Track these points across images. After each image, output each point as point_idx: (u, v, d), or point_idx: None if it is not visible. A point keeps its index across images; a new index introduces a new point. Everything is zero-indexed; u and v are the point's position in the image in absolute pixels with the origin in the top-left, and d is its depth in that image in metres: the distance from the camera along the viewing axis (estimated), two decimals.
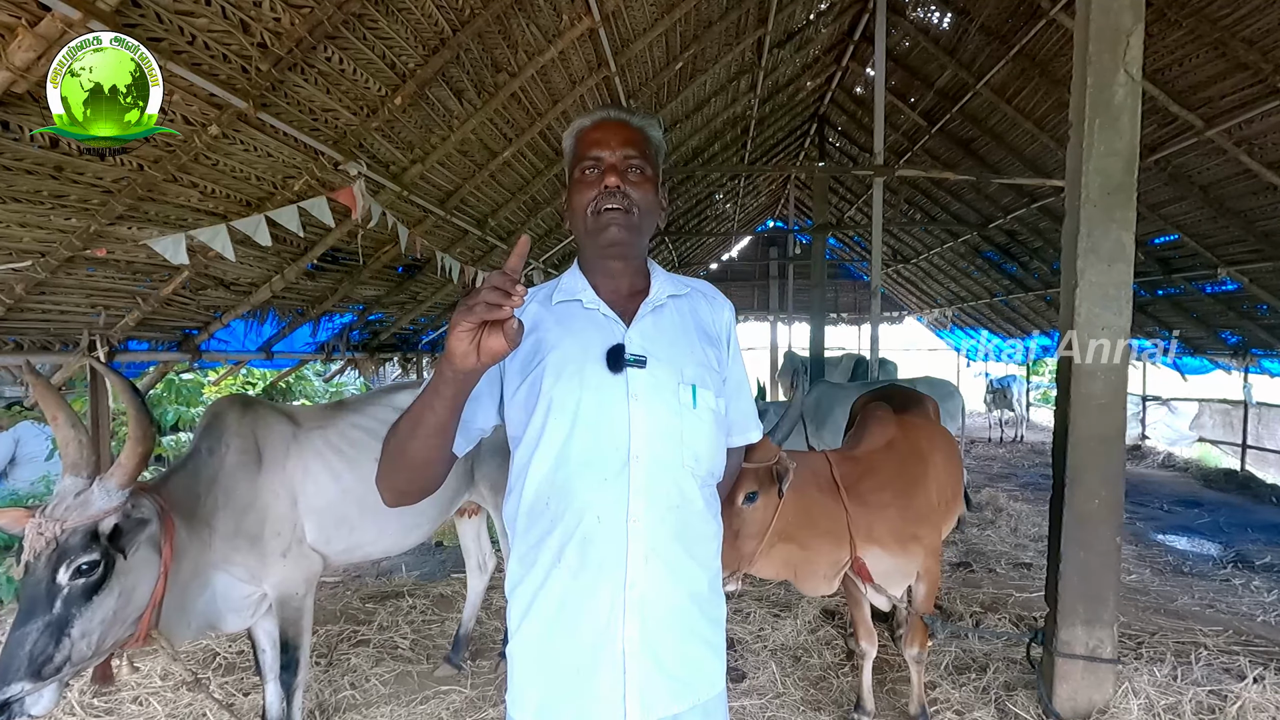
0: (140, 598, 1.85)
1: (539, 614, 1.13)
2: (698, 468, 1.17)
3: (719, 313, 1.31)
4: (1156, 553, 5.49)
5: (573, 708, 1.11)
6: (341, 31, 2.81)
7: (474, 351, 0.91)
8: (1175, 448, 10.07)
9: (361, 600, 4.18)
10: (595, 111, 1.24)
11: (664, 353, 1.17)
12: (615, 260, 1.22)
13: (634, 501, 1.11)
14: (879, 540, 2.45)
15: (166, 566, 1.90)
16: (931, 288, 14.53)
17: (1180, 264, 7.06)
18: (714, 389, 1.20)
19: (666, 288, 1.26)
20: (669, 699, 1.13)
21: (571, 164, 1.23)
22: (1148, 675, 3.04)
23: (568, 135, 1.27)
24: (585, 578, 1.11)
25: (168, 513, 1.96)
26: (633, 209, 1.17)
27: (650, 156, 1.22)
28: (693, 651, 1.16)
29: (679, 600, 1.14)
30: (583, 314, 1.20)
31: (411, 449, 1.06)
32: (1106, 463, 2.84)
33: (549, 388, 1.13)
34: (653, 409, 1.13)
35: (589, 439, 1.11)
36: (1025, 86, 6.51)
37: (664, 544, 1.13)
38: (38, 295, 2.93)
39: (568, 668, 1.11)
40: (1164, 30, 4.71)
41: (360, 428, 2.72)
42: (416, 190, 4.30)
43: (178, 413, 6.39)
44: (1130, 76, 2.77)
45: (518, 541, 1.18)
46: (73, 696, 2.93)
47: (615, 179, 1.16)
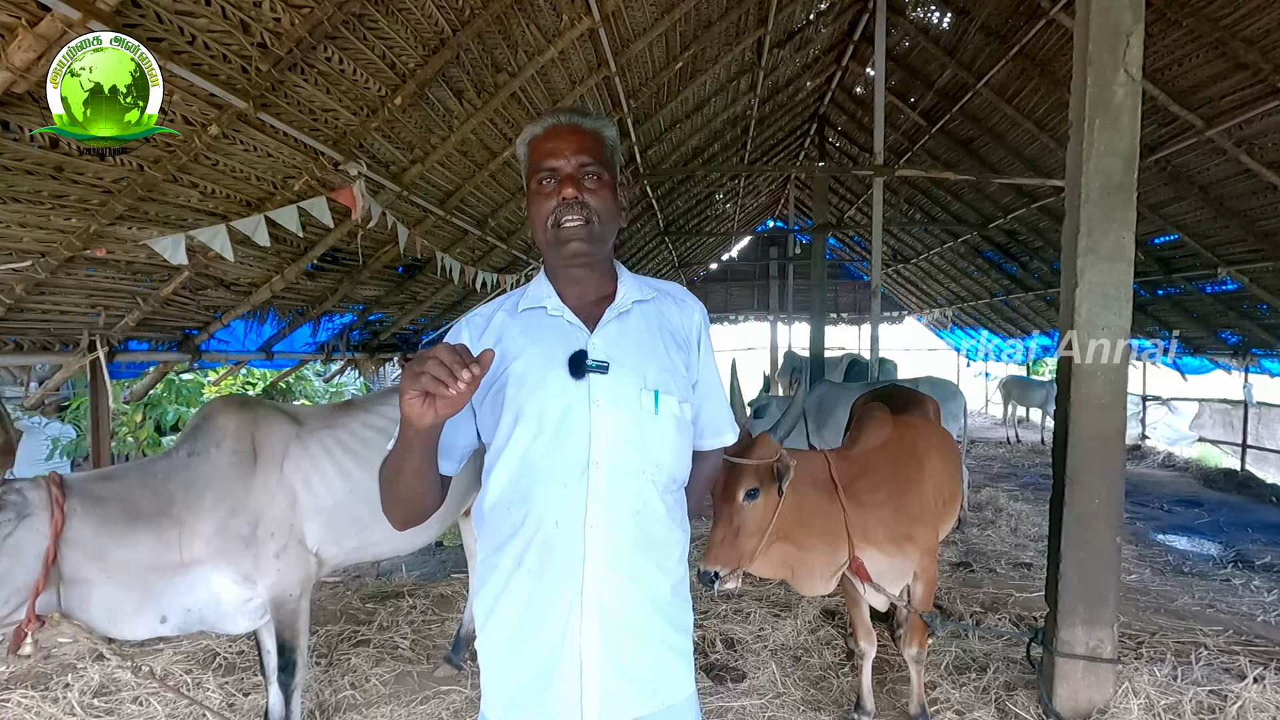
0: (15, 582, 1.91)
1: (501, 616, 1.15)
2: (658, 474, 1.17)
3: (689, 315, 1.30)
4: (1157, 552, 5.49)
5: (535, 709, 1.13)
6: (341, 31, 2.81)
7: (429, 411, 0.95)
8: (1175, 447, 10.06)
9: (362, 600, 4.18)
10: (545, 117, 1.21)
11: (627, 359, 1.17)
12: (579, 269, 1.22)
13: (592, 507, 1.11)
14: (874, 540, 2.46)
15: (49, 557, 1.94)
16: (931, 288, 14.53)
17: (1180, 264, 7.06)
18: (679, 394, 1.20)
19: (632, 293, 1.25)
20: (633, 702, 1.14)
21: (528, 174, 1.21)
22: (1148, 675, 3.04)
23: (520, 143, 1.24)
24: (545, 582, 1.12)
25: (59, 506, 1.99)
26: (592, 218, 1.16)
27: (606, 160, 1.20)
28: (657, 656, 1.17)
29: (641, 606, 1.15)
30: (547, 321, 1.20)
31: (399, 488, 1.12)
32: (1106, 462, 2.84)
33: (513, 395, 1.14)
34: (614, 415, 1.13)
35: (551, 445, 1.12)
36: (1025, 86, 6.51)
37: (624, 550, 1.13)
38: (38, 295, 2.93)
39: (529, 669, 1.13)
40: (1164, 30, 4.70)
41: (372, 427, 2.71)
42: (416, 190, 4.30)
43: (178, 413, 6.38)
44: (1130, 76, 2.77)
45: (482, 543, 1.20)
46: (73, 697, 2.93)
47: (572, 190, 1.15)
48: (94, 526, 2.06)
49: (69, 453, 6.48)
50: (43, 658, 3.38)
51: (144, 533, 2.15)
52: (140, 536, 2.14)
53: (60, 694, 2.97)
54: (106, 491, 2.16)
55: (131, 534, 2.13)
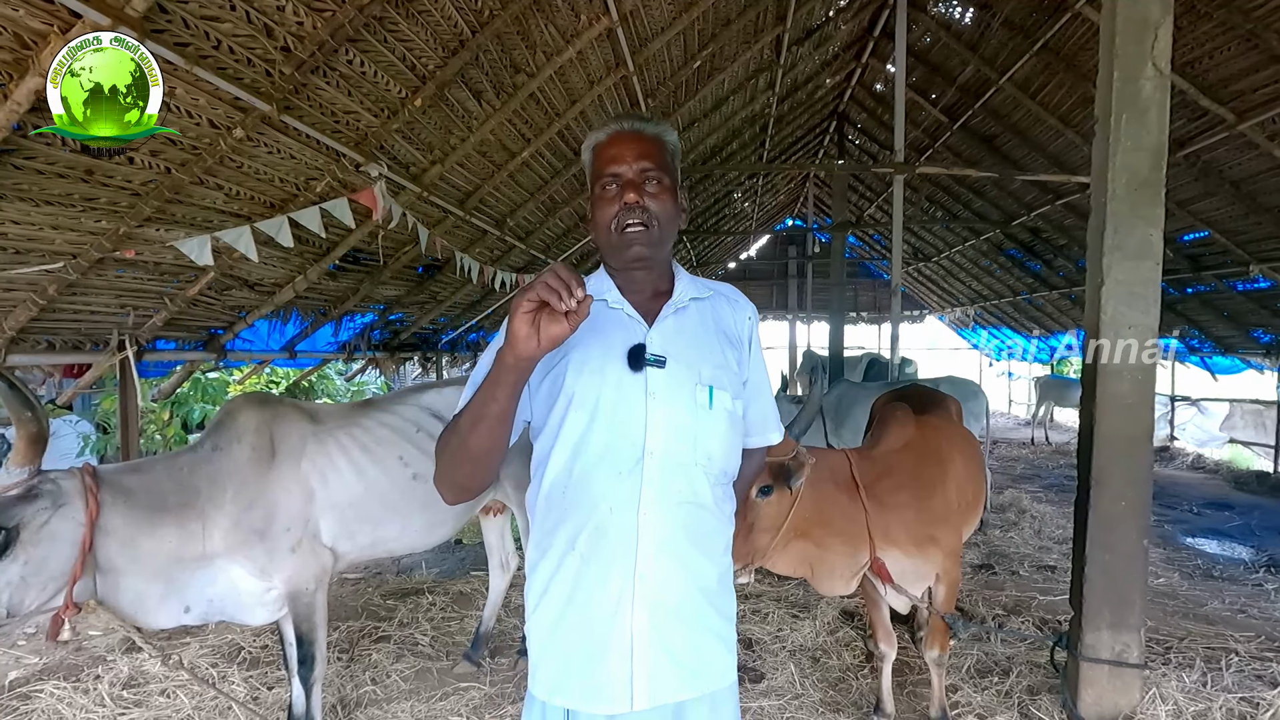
0: (54, 568, 1.96)
1: (553, 597, 1.19)
2: (710, 466, 1.20)
3: (741, 315, 1.33)
4: (1185, 556, 5.38)
5: (583, 687, 1.16)
6: (362, 34, 2.84)
7: (535, 336, 0.97)
8: (1205, 449, 9.84)
9: (382, 597, 4.22)
10: (609, 124, 1.26)
11: (683, 354, 1.20)
12: (639, 271, 1.25)
13: (646, 495, 1.15)
14: (896, 541, 2.43)
15: (86, 544, 1.99)
16: (953, 286, 14.36)
17: (1210, 261, 6.90)
18: (731, 391, 1.23)
19: (689, 290, 1.28)
20: (677, 685, 1.17)
21: (591, 179, 1.26)
22: (1176, 681, 2.98)
23: (585, 149, 1.29)
24: (597, 565, 1.15)
25: (93, 495, 2.03)
26: (653, 222, 1.20)
27: (667, 165, 1.24)
28: (702, 642, 1.20)
29: (689, 592, 1.18)
30: (607, 313, 1.23)
31: (474, 441, 1.10)
32: (1133, 464, 2.79)
33: (571, 382, 1.17)
34: (670, 408, 1.17)
35: (606, 433, 1.16)
36: (1049, 81, 6.40)
37: (674, 538, 1.17)
38: (69, 296, 3.00)
39: (579, 650, 1.17)
40: (1194, 22, 4.60)
41: (387, 425, 2.74)
42: (436, 191, 4.34)
43: (203, 410, 6.51)
44: (1158, 70, 2.71)
45: (535, 527, 1.23)
46: (103, 688, 3.00)
47: (634, 195, 1.18)
48: (124, 516, 2.11)
49: (98, 450, 6.63)
50: (74, 650, 3.47)
51: (170, 524, 2.20)
52: (167, 528, 2.19)
53: (91, 685, 3.04)
54: (135, 483, 2.21)
55: (159, 525, 2.18)
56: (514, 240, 5.88)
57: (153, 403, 5.67)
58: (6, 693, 3.04)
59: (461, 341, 7.68)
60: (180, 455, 2.43)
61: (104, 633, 3.62)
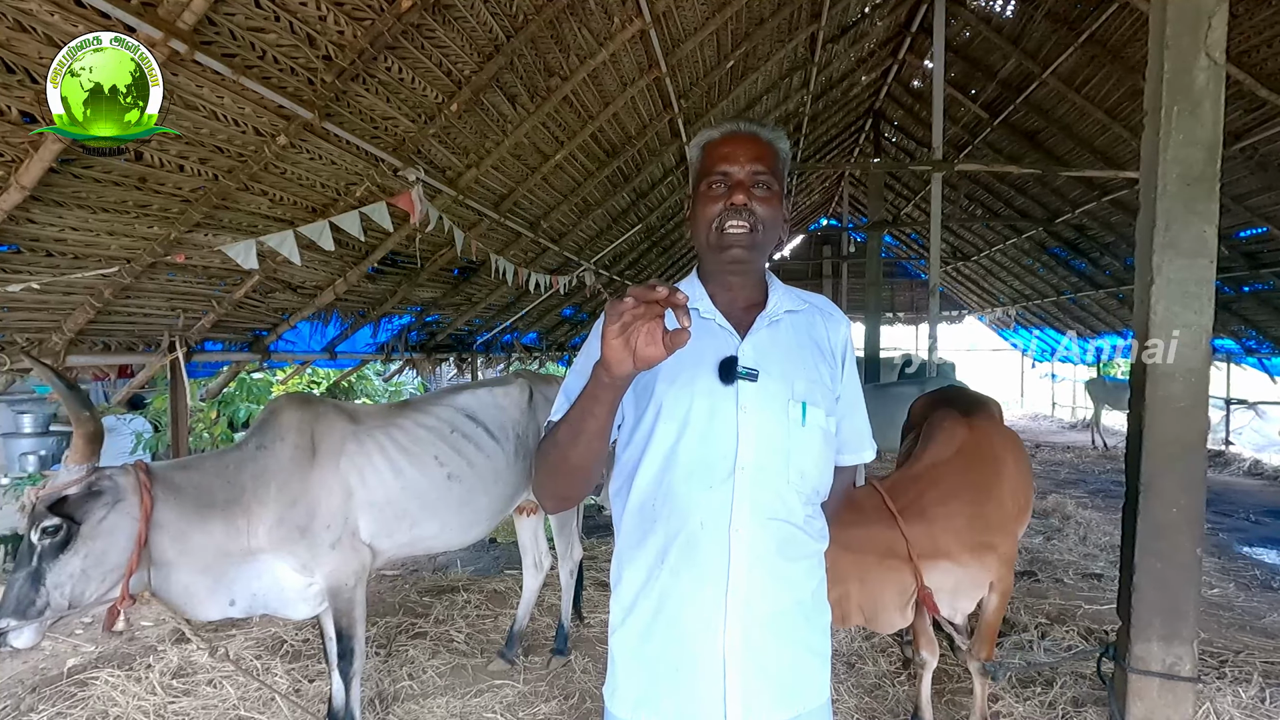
0: (112, 561, 2.03)
1: (641, 612, 1.16)
2: (803, 484, 1.16)
3: (836, 330, 1.29)
4: (1242, 566, 5.15)
5: (672, 705, 1.13)
6: (401, 42, 2.89)
7: (629, 358, 0.91)
8: (1263, 454, 9.43)
9: (419, 594, 4.29)
10: (724, 124, 1.23)
11: (776, 368, 1.16)
12: (735, 275, 1.22)
13: (738, 510, 1.12)
14: (947, 553, 2.38)
15: (141, 538, 2.07)
16: (994, 286, 14.00)
17: (1269, 258, 6.61)
18: (825, 407, 1.19)
19: (784, 303, 1.24)
20: (772, 705, 1.13)
21: (697, 177, 1.22)
22: (1231, 696, 2.86)
23: (693, 146, 1.26)
24: (688, 580, 1.12)
25: (147, 491, 2.10)
26: (757, 226, 1.16)
27: (778, 171, 1.20)
28: (797, 658, 1.17)
29: (783, 606, 1.15)
30: (699, 322, 1.18)
31: (574, 455, 1.06)
32: (1186, 469, 2.68)
33: (661, 392, 1.14)
34: (761, 423, 1.13)
35: (697, 446, 1.12)
36: (1095, 74, 6.21)
37: (768, 553, 1.13)
38: (124, 299, 3.12)
39: (668, 666, 1.13)
40: (1250, 9, 4.41)
41: (424, 426, 2.80)
42: (472, 194, 4.40)
43: (248, 410, 6.70)
44: (1212, 60, 2.60)
45: (622, 540, 1.21)
46: (154, 677, 3.11)
47: (743, 196, 1.14)
48: (176, 511, 2.19)
49: (151, 447, 6.88)
50: (127, 640, 3.61)
51: (218, 520, 2.27)
52: (214, 523, 2.27)
53: (143, 674, 3.16)
54: (185, 480, 2.29)
55: (208, 520, 2.25)
56: (547, 242, 5.92)
57: (200, 402, 5.86)
58: (65, 679, 3.18)
59: (496, 343, 7.77)
60: (227, 453, 2.51)
61: (155, 624, 3.76)
